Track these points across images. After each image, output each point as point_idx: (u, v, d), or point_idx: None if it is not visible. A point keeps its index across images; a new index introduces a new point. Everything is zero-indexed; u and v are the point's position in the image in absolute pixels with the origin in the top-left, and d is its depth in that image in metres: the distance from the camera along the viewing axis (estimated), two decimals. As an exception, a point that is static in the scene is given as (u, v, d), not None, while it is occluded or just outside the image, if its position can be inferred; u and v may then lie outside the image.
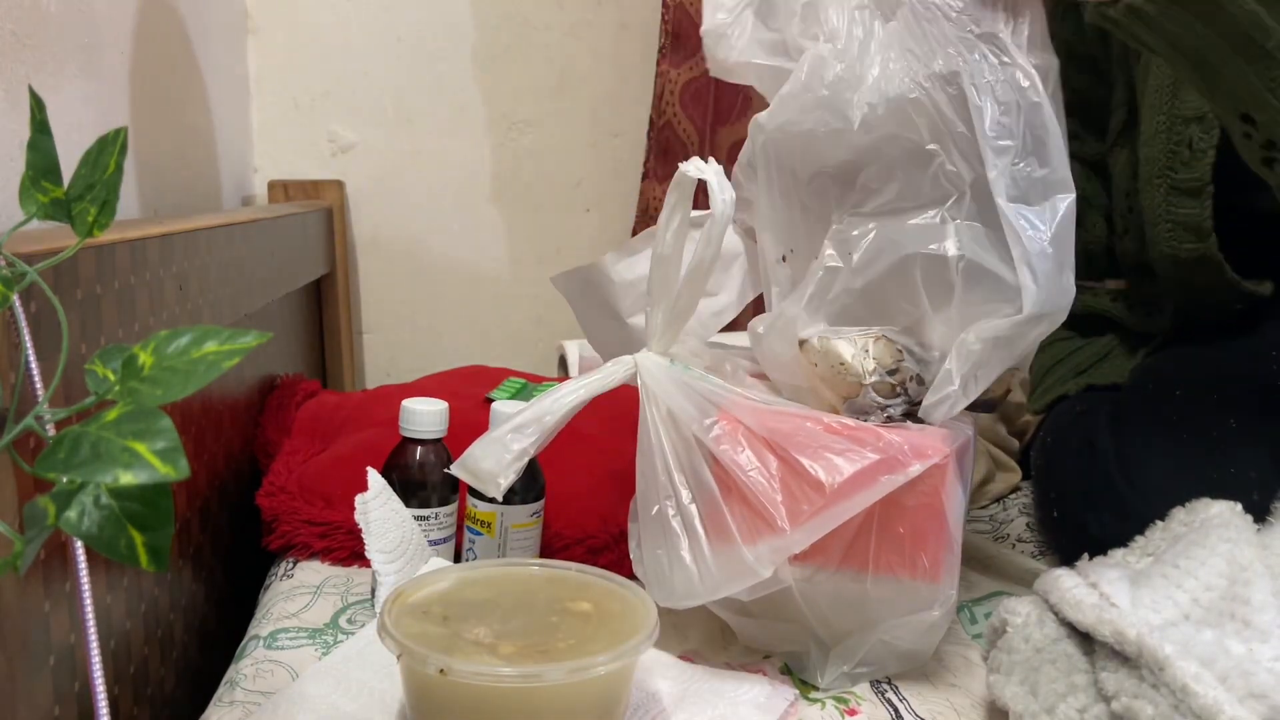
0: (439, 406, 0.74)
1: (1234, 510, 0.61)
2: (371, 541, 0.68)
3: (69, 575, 0.51)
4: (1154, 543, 0.64)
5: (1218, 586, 0.55)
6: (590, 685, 0.52)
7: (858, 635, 0.64)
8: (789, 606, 0.62)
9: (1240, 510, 0.61)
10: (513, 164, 1.45)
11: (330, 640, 0.68)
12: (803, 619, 0.63)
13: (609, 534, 0.80)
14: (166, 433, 0.33)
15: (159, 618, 0.68)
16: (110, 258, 0.57)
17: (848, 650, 0.64)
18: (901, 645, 0.64)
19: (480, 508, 0.73)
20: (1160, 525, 0.65)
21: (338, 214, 1.37)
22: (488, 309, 1.49)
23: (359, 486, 0.70)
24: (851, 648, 0.64)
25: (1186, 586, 0.55)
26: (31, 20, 0.68)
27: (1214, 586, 0.55)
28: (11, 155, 0.63)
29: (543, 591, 0.59)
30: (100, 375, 0.38)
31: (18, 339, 0.44)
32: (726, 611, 0.66)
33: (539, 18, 1.41)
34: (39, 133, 0.41)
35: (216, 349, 0.37)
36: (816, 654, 0.65)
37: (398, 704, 0.58)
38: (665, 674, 0.62)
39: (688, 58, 1.32)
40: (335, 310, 1.38)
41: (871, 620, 0.63)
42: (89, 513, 0.34)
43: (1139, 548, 0.65)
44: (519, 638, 0.54)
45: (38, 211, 0.42)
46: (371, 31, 1.38)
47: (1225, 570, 0.55)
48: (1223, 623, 0.52)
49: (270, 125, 1.39)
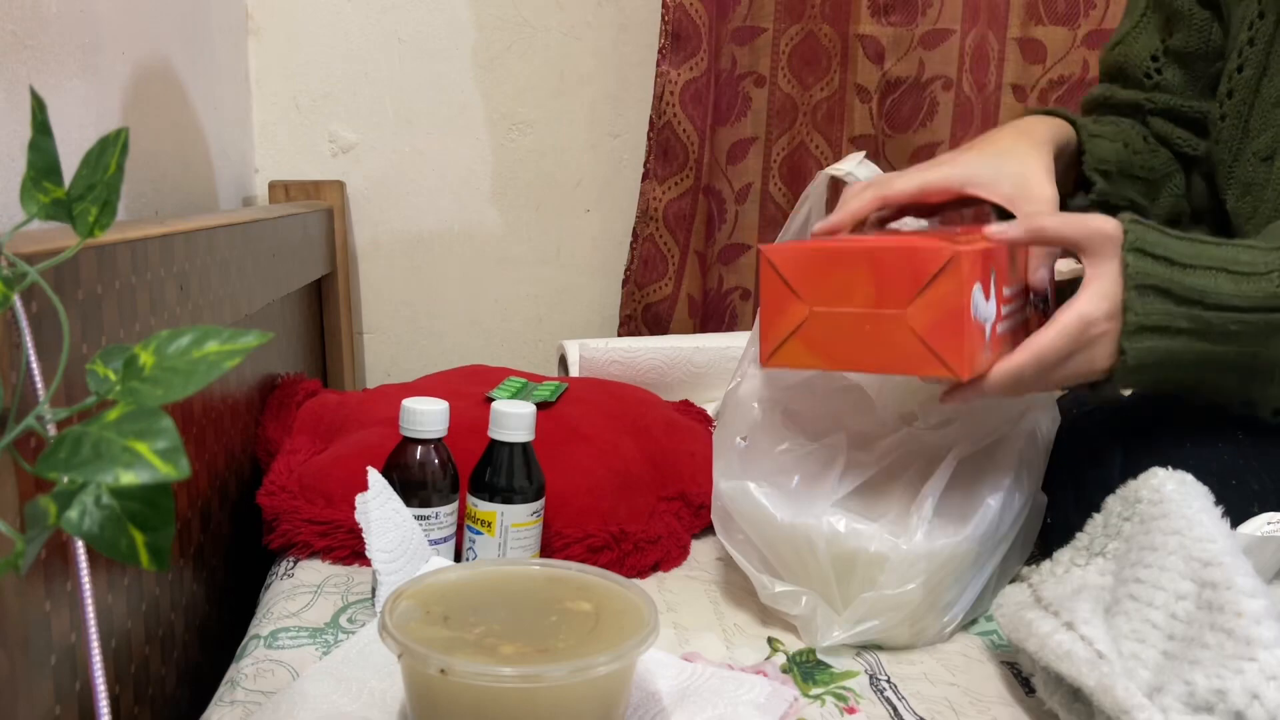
0: (439, 406, 0.74)
1: (1163, 490, 0.60)
2: (372, 541, 0.68)
3: (70, 575, 0.51)
4: (1098, 541, 0.64)
5: (1188, 593, 0.55)
6: (590, 685, 0.52)
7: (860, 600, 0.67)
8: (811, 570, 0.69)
9: (1175, 481, 0.60)
10: (513, 164, 1.45)
11: (331, 640, 0.68)
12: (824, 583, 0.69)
13: (609, 533, 0.80)
14: (167, 432, 0.33)
15: (160, 617, 0.68)
16: (111, 258, 0.57)
17: (852, 613, 0.67)
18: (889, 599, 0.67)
19: (480, 507, 0.73)
20: (1099, 519, 0.65)
21: (338, 214, 1.37)
22: (488, 309, 1.49)
23: (359, 486, 0.70)
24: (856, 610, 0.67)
25: (1158, 603, 0.55)
26: (31, 20, 0.68)
27: (1185, 594, 0.55)
28: (12, 155, 0.64)
29: (543, 591, 0.59)
30: (101, 375, 0.38)
31: (19, 339, 0.44)
32: (752, 568, 0.71)
33: (539, 18, 1.41)
34: (40, 133, 0.41)
35: (217, 349, 0.37)
36: (823, 617, 0.68)
37: (398, 704, 0.58)
38: (665, 674, 0.62)
39: (688, 58, 1.32)
40: (336, 310, 1.38)
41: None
42: (90, 512, 0.34)
43: (1084, 548, 0.65)
44: (519, 638, 0.54)
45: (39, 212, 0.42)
46: (372, 32, 1.39)
47: (1185, 570, 0.55)
48: (1205, 635, 0.52)
49: (270, 125, 1.39)
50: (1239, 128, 0.82)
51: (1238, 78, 0.82)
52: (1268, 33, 0.80)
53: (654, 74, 1.32)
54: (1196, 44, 0.88)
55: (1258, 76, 0.80)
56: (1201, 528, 0.56)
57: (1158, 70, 0.90)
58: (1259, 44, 0.80)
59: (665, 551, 0.82)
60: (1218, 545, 0.55)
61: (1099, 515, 0.65)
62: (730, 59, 1.38)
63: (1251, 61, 0.81)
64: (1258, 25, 0.80)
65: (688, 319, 1.41)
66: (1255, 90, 0.80)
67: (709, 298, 1.45)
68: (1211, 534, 0.56)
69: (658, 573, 0.81)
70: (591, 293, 1.50)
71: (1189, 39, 0.88)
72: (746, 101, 1.40)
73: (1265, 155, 0.80)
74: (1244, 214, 0.83)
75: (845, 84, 1.42)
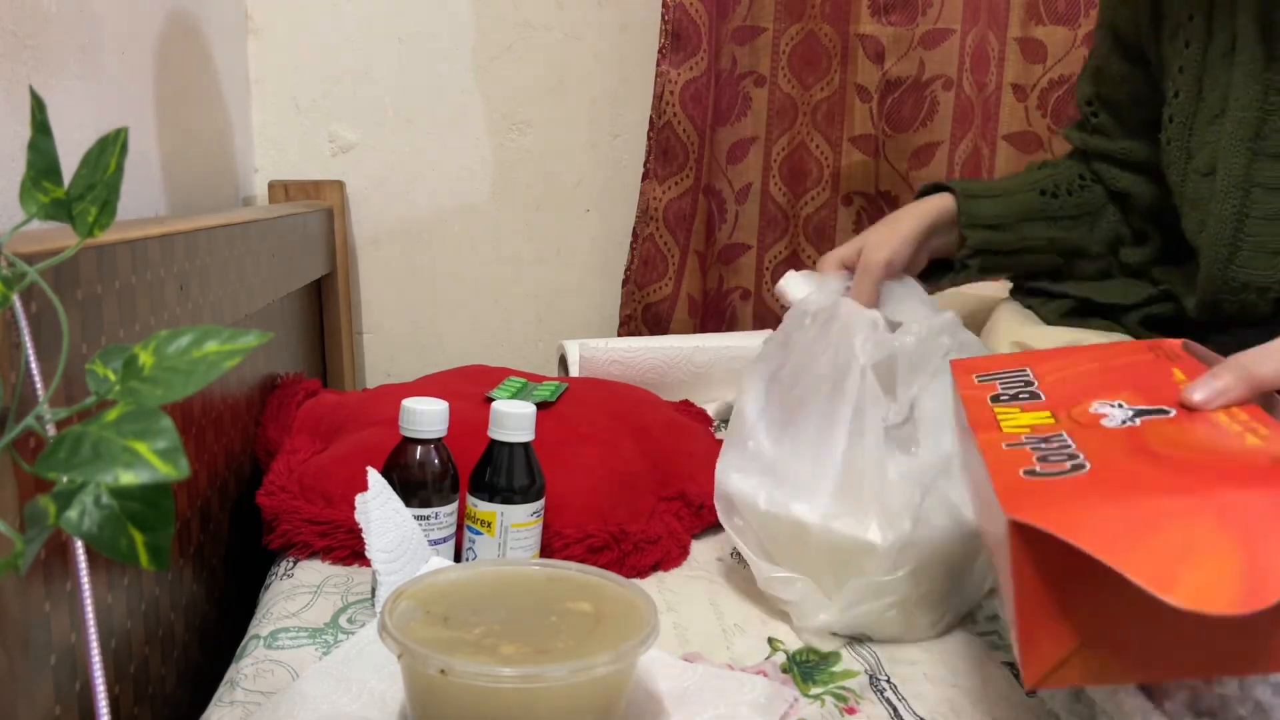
0: (439, 406, 0.74)
1: None
2: (372, 541, 0.68)
3: (70, 575, 0.51)
4: None
5: None
6: (590, 685, 0.52)
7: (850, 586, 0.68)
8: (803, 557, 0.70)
9: None
10: (513, 164, 1.45)
11: (330, 640, 0.68)
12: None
13: (609, 533, 0.80)
14: (167, 432, 0.33)
15: (159, 617, 0.68)
16: (111, 258, 0.57)
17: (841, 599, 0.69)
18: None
19: (480, 507, 0.73)
20: None
21: (338, 214, 1.37)
22: (488, 309, 1.49)
23: (359, 485, 0.70)
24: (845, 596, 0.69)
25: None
26: (31, 20, 0.68)
27: None
28: (12, 156, 0.64)
29: (543, 591, 0.59)
30: (101, 375, 0.38)
31: (18, 339, 0.44)
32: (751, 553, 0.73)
33: (539, 18, 1.41)
34: (40, 133, 0.41)
35: (217, 349, 0.37)
36: (813, 602, 0.69)
37: (398, 704, 0.58)
38: (665, 674, 0.62)
39: (688, 58, 1.32)
40: (335, 310, 1.38)
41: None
42: (89, 512, 0.34)
43: None
44: (519, 638, 0.54)
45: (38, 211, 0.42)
46: (371, 31, 1.39)
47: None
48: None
49: (270, 125, 1.39)
50: (1183, 150, 0.89)
51: (1175, 103, 0.89)
52: (1196, 59, 0.87)
53: (654, 74, 1.32)
54: (1120, 94, 0.98)
55: (1193, 100, 0.87)
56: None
57: (1094, 114, 1.00)
58: (1189, 71, 0.87)
59: (665, 551, 0.82)
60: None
61: None
62: (730, 59, 1.38)
63: (1185, 87, 0.88)
64: (1185, 54, 0.88)
65: (688, 319, 1.41)
66: (1193, 113, 0.87)
67: (709, 298, 1.45)
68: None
69: (658, 573, 0.81)
70: (591, 293, 1.50)
71: (1112, 90, 0.98)
72: (746, 101, 1.40)
73: (1205, 171, 0.86)
74: (1193, 229, 0.89)
75: (845, 84, 1.42)
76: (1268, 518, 0.40)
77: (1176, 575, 0.38)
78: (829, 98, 1.42)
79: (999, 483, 0.44)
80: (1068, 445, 0.48)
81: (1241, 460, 0.44)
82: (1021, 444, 0.49)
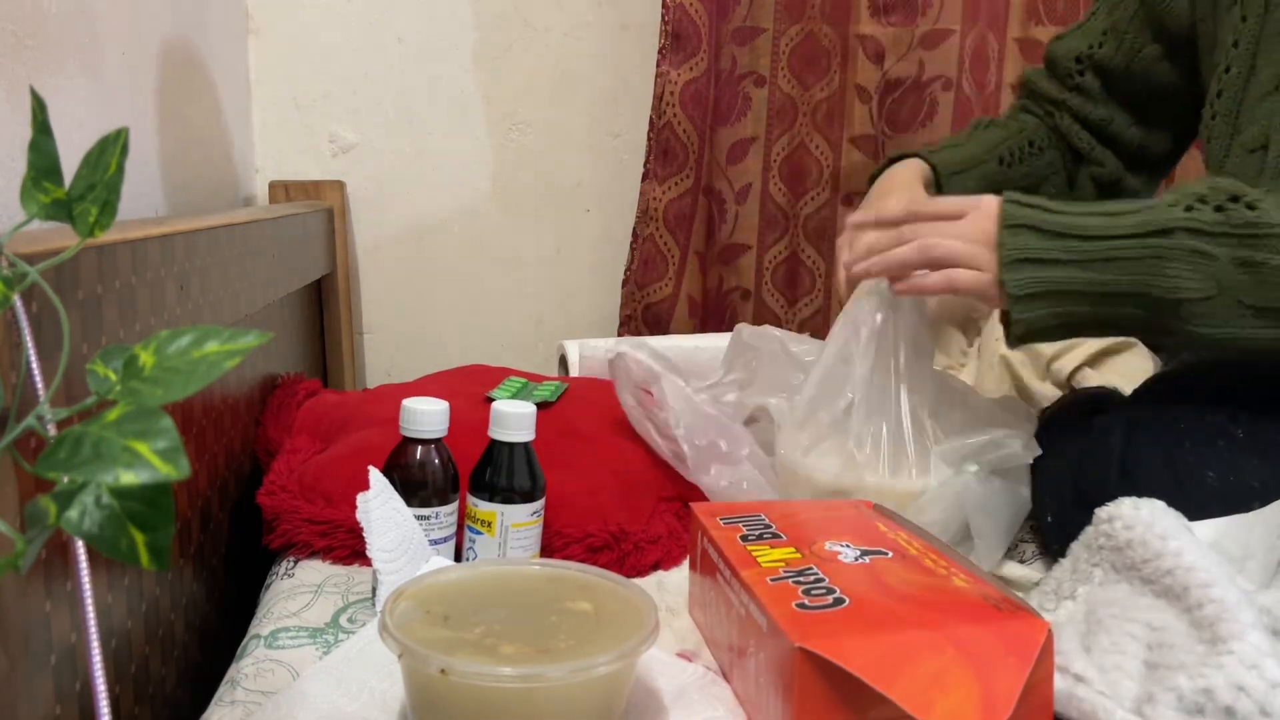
0: (439, 406, 0.74)
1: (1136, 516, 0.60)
2: (372, 540, 0.68)
3: (70, 575, 0.51)
4: (1066, 585, 0.64)
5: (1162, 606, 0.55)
6: (590, 685, 0.52)
7: None
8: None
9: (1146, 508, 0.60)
10: (513, 164, 1.45)
11: (331, 640, 0.68)
12: None
13: (609, 533, 0.80)
14: (168, 432, 0.33)
15: (160, 617, 0.68)
16: (111, 258, 0.57)
17: None
18: None
19: (481, 507, 0.73)
20: (1067, 564, 0.65)
21: (338, 214, 1.37)
22: (488, 309, 1.49)
23: (360, 485, 0.70)
24: None
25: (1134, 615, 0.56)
26: (31, 20, 0.68)
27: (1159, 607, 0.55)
28: (12, 156, 0.64)
29: (543, 591, 0.59)
30: (101, 375, 0.38)
31: (19, 339, 0.44)
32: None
33: (539, 18, 1.41)
34: (40, 133, 0.41)
35: (217, 349, 0.37)
36: None
37: (398, 704, 0.58)
38: (665, 674, 0.62)
39: (688, 58, 1.32)
40: (336, 310, 1.38)
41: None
42: (90, 512, 0.34)
43: (1052, 591, 0.65)
44: (519, 638, 0.54)
45: (39, 212, 0.42)
46: (371, 31, 1.39)
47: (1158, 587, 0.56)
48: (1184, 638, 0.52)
49: (270, 125, 1.39)
50: (1229, 124, 0.87)
51: (1226, 78, 0.87)
52: (1253, 34, 0.85)
53: (654, 74, 1.32)
54: (1119, 62, 0.97)
55: (1245, 75, 0.86)
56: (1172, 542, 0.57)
57: (1080, 73, 1.00)
58: (1243, 45, 0.86)
59: (665, 551, 0.82)
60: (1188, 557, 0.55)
61: (1067, 560, 0.65)
62: (730, 59, 1.38)
63: (1238, 62, 0.86)
64: (1241, 28, 0.86)
65: (688, 319, 1.41)
66: (1244, 88, 0.86)
67: (709, 298, 1.45)
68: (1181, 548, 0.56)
69: (658, 573, 0.81)
70: (591, 293, 1.50)
71: (1114, 55, 0.98)
72: (746, 101, 1.40)
73: (1253, 147, 0.85)
74: None
75: (845, 84, 1.42)
76: (993, 650, 0.49)
77: (932, 700, 0.47)
78: (829, 98, 1.42)
79: (778, 614, 0.52)
80: (823, 580, 0.56)
81: (960, 598, 0.54)
82: (782, 577, 0.57)
